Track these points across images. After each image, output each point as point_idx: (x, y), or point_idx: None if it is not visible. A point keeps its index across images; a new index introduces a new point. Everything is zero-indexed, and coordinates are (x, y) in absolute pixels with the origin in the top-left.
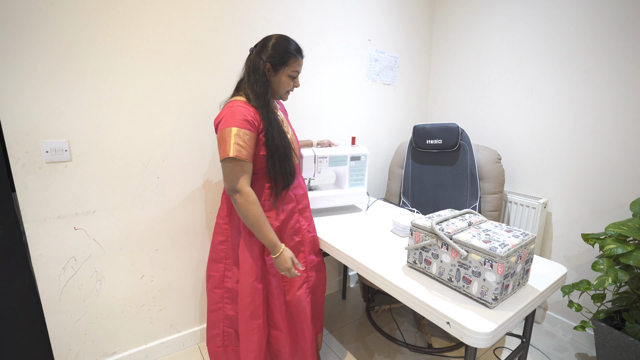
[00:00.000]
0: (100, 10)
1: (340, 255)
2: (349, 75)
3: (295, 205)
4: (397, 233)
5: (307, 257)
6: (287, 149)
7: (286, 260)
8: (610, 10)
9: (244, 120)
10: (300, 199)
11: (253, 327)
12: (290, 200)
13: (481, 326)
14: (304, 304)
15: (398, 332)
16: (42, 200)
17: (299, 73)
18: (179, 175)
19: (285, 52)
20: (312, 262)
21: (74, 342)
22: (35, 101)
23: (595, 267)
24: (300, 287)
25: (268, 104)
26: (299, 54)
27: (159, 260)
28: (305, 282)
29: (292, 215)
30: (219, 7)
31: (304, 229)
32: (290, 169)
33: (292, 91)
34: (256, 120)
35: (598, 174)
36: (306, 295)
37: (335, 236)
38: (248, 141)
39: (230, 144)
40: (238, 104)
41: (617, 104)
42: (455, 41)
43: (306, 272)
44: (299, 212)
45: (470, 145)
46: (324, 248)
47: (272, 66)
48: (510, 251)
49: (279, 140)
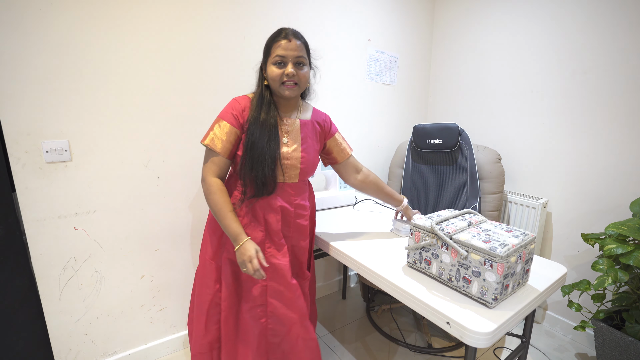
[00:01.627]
0: (101, 10)
1: (340, 255)
2: (349, 75)
3: (263, 227)
4: (398, 234)
5: (269, 282)
6: (264, 157)
7: (248, 250)
8: (610, 11)
9: (230, 113)
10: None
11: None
12: (258, 219)
13: (481, 326)
14: (252, 329)
15: (398, 332)
16: (42, 200)
17: (284, 57)
18: (179, 175)
19: (267, 42)
20: (275, 290)
21: (74, 342)
22: (35, 101)
23: (595, 267)
24: (252, 310)
25: (263, 104)
26: (279, 38)
27: (159, 260)
28: (260, 306)
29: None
30: (219, 7)
31: (269, 252)
32: (263, 178)
33: (290, 82)
34: (242, 116)
35: (598, 174)
36: (255, 321)
37: (335, 236)
38: (226, 134)
39: (209, 132)
40: (238, 97)
41: (617, 104)
42: (455, 41)
43: (264, 297)
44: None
45: (470, 145)
46: (324, 248)
47: (264, 64)
48: (510, 251)
49: (258, 143)
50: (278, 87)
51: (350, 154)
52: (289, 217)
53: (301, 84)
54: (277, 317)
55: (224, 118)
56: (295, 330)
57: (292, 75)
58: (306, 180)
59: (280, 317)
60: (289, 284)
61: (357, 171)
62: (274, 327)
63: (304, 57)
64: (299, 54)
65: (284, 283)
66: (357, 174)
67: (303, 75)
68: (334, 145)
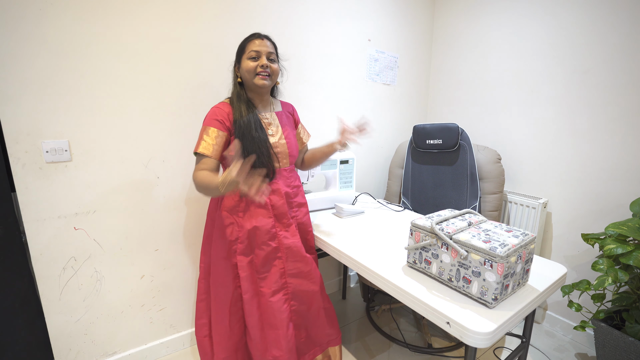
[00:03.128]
0: (101, 10)
1: (340, 255)
2: (349, 75)
3: (270, 212)
4: (339, 215)
5: (285, 263)
6: (257, 145)
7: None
8: (610, 11)
9: (214, 119)
10: (277, 204)
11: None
12: (264, 205)
13: (481, 326)
14: (279, 313)
15: (398, 332)
16: (42, 200)
17: (258, 52)
18: (179, 175)
19: (240, 44)
20: (292, 269)
21: (74, 342)
22: (35, 101)
23: (595, 267)
24: (275, 294)
25: (241, 102)
26: (252, 38)
27: (159, 260)
28: (282, 289)
29: (267, 220)
30: (218, 7)
31: (281, 235)
32: (261, 165)
33: (264, 73)
34: (228, 120)
35: (598, 174)
36: (282, 302)
37: (335, 236)
38: (215, 139)
39: (199, 141)
40: (218, 105)
41: (617, 104)
42: (455, 41)
43: (284, 278)
44: (276, 218)
45: (470, 145)
46: (323, 247)
47: (237, 62)
48: (510, 251)
49: (248, 134)
50: (253, 78)
51: (307, 142)
52: (290, 198)
53: (273, 76)
54: (298, 295)
55: (210, 125)
56: (317, 302)
57: (266, 67)
58: (293, 163)
59: (301, 294)
60: (305, 257)
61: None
62: (297, 308)
63: (275, 54)
64: (270, 50)
65: (300, 258)
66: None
67: (275, 68)
68: (298, 132)
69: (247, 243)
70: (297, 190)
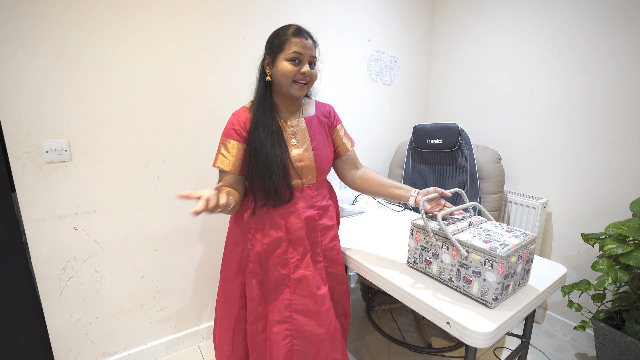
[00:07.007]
0: (101, 10)
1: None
2: (349, 75)
3: (284, 235)
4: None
5: (292, 295)
6: (270, 164)
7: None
8: (610, 10)
9: (231, 129)
10: (293, 228)
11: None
12: (278, 226)
13: (481, 326)
14: (277, 348)
15: (398, 332)
16: (42, 200)
17: (301, 55)
18: (179, 175)
19: (278, 37)
20: (299, 304)
21: (74, 342)
22: (35, 101)
23: (595, 267)
24: (278, 325)
25: (263, 107)
26: (296, 35)
27: (159, 260)
28: (286, 322)
29: (279, 244)
30: (219, 7)
31: (292, 263)
32: (273, 187)
33: (303, 81)
34: (244, 129)
35: (598, 174)
36: (282, 337)
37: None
38: (231, 149)
39: (218, 154)
40: (236, 111)
41: (617, 104)
42: (455, 41)
43: (289, 311)
44: (290, 243)
45: (470, 145)
46: None
47: (270, 59)
48: (510, 251)
49: (262, 150)
50: (289, 84)
51: (351, 149)
52: (312, 221)
53: (311, 83)
54: (303, 335)
55: (228, 136)
56: (324, 350)
57: (307, 74)
58: (324, 179)
59: (307, 335)
60: (315, 295)
61: (356, 168)
62: (301, 349)
63: (316, 58)
64: (313, 54)
65: (309, 294)
66: (357, 170)
67: (315, 75)
68: (336, 136)
69: (257, 264)
70: (323, 212)
